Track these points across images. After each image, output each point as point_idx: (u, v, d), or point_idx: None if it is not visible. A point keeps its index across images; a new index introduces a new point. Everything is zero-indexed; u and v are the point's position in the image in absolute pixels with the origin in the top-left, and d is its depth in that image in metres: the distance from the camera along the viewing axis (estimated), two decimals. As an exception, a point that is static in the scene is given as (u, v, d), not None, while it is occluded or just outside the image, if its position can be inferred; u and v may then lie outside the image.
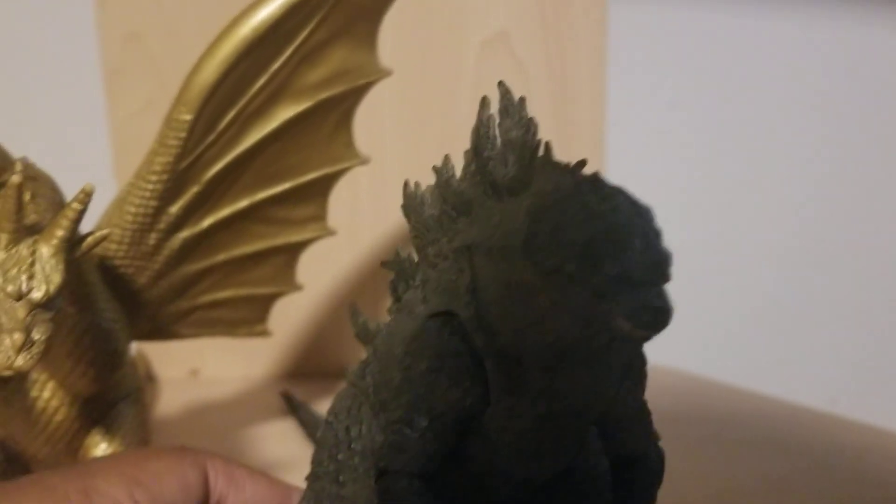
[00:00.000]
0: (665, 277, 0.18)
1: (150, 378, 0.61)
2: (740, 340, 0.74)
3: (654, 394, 0.25)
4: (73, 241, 0.26)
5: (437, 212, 0.25)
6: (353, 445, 0.26)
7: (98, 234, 0.27)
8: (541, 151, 0.21)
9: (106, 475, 0.25)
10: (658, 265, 0.18)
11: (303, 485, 0.29)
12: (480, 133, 0.24)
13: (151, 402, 0.57)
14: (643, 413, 0.24)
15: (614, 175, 0.22)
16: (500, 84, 0.24)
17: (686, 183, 0.71)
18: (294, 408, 0.51)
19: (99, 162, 0.59)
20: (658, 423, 0.25)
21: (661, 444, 0.25)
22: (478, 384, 0.21)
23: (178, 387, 0.60)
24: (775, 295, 0.74)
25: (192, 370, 0.62)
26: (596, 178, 0.19)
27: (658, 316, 0.17)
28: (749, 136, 0.72)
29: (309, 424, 0.48)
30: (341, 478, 0.26)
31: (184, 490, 0.27)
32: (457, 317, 0.22)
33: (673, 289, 0.18)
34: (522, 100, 0.23)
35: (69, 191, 0.29)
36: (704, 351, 0.68)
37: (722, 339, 0.73)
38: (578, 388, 0.21)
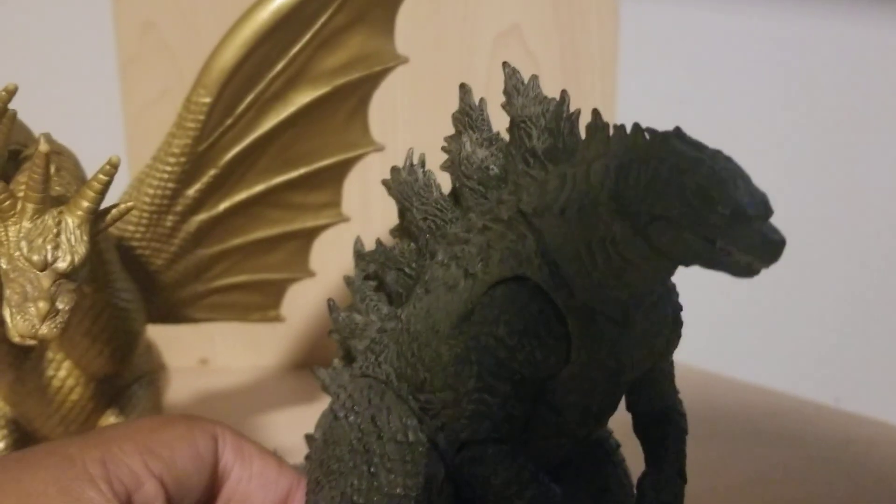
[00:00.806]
0: (771, 212, 0.19)
1: (160, 366, 0.61)
2: (746, 335, 0.74)
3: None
4: (98, 213, 0.26)
5: (450, 190, 0.26)
6: (382, 435, 0.26)
7: (123, 207, 0.27)
8: (589, 118, 0.23)
9: (121, 444, 0.25)
10: (764, 201, 0.19)
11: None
12: (474, 117, 0.25)
13: (161, 391, 0.57)
14: (672, 368, 0.25)
15: None
16: (506, 64, 0.24)
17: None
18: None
19: (115, 148, 0.59)
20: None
21: None
22: (562, 342, 0.22)
23: (187, 376, 0.60)
24: (781, 290, 0.74)
25: (202, 359, 0.62)
26: (680, 131, 0.20)
27: (776, 247, 0.19)
28: (758, 133, 0.72)
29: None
30: (372, 469, 0.26)
31: (196, 458, 0.27)
32: (528, 280, 0.22)
33: (686, 285, 0.19)
34: (535, 78, 0.24)
35: (99, 167, 0.29)
36: (710, 346, 0.68)
37: (728, 333, 0.73)
38: (642, 341, 0.22)
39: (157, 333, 0.60)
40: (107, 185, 0.25)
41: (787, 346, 0.74)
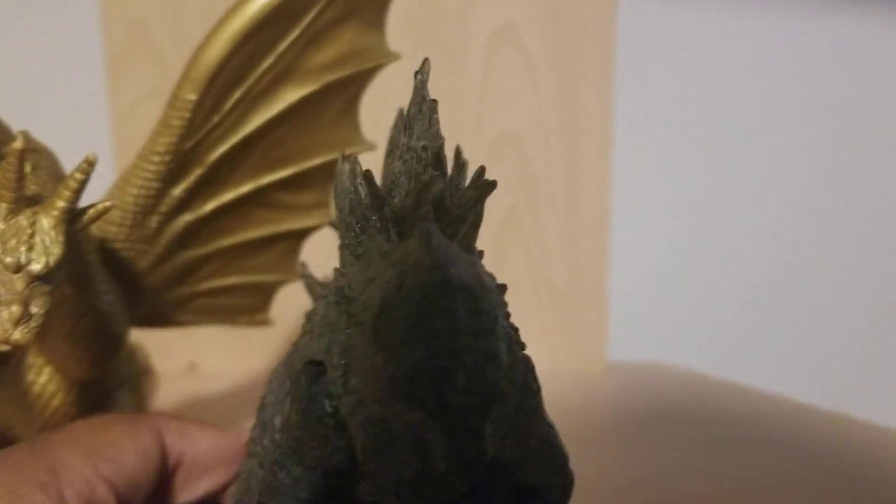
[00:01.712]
0: (484, 418, 0.17)
1: (148, 371, 0.60)
2: (747, 339, 0.74)
3: (662, 392, 0.24)
4: (74, 213, 0.25)
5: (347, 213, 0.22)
6: (274, 437, 0.25)
7: (100, 206, 0.26)
8: (427, 199, 0.19)
9: (68, 449, 0.25)
10: (476, 407, 0.16)
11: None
12: (398, 126, 0.22)
13: (149, 395, 0.56)
14: (546, 444, 0.22)
15: (621, 167, 0.21)
16: (426, 61, 0.22)
17: (692, 176, 0.71)
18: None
19: (101, 149, 0.58)
20: (666, 422, 0.24)
21: (669, 442, 0.24)
22: (342, 448, 0.20)
23: (176, 380, 0.59)
24: (784, 293, 0.73)
25: (191, 363, 0.61)
26: (445, 276, 0.17)
27: (468, 461, 0.16)
28: (754, 134, 0.71)
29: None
30: (265, 464, 0.25)
31: (142, 455, 0.27)
32: (326, 373, 0.20)
33: (685, 287, 0.18)
34: (434, 103, 0.22)
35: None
36: (712, 350, 0.67)
37: (729, 337, 0.73)
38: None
39: (145, 336, 0.60)
40: (83, 184, 0.24)
41: (786, 349, 0.74)
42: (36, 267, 0.23)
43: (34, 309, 0.23)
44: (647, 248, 0.68)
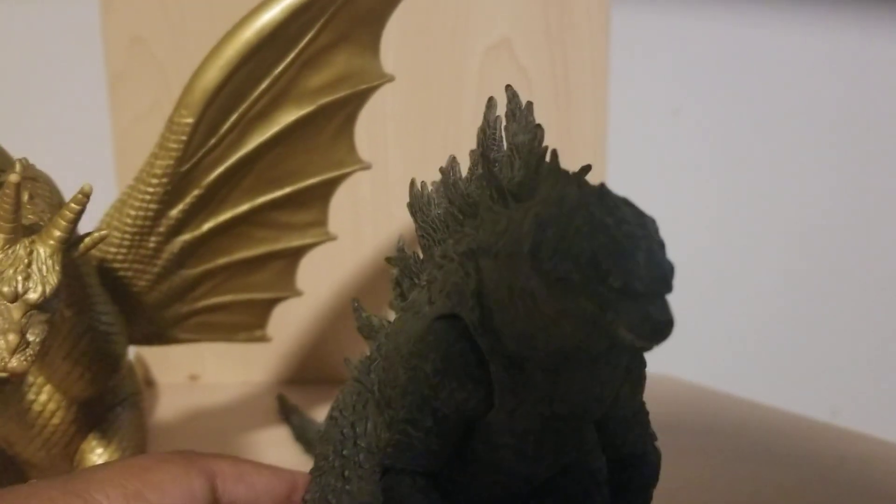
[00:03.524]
0: (667, 290, 0.18)
1: (149, 383, 0.61)
2: (741, 351, 0.74)
3: (654, 402, 0.25)
4: (70, 242, 0.25)
5: (443, 212, 0.25)
6: (358, 442, 0.26)
7: (96, 235, 0.26)
8: (548, 158, 0.21)
9: (106, 489, 0.24)
10: (660, 278, 0.18)
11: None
12: (487, 134, 0.24)
13: (150, 407, 0.57)
14: (641, 415, 0.24)
15: (615, 182, 0.22)
16: (508, 88, 0.24)
17: (686, 191, 0.71)
18: (287, 411, 0.51)
19: (102, 165, 0.59)
20: (658, 432, 0.25)
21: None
22: (481, 387, 0.22)
23: (177, 392, 0.60)
24: (777, 305, 0.73)
25: (192, 375, 0.62)
26: (602, 189, 0.19)
27: (659, 328, 0.17)
28: (750, 145, 0.72)
29: (300, 428, 0.48)
30: (346, 473, 0.26)
31: (189, 501, 0.26)
32: (462, 320, 0.22)
33: (675, 298, 0.18)
34: (530, 105, 0.23)
35: (72, 195, 0.28)
36: (706, 361, 0.67)
37: (723, 349, 0.73)
38: (579, 392, 0.21)
39: (147, 349, 0.60)
40: (79, 214, 0.25)
41: (783, 361, 0.74)
42: (33, 296, 0.24)
43: (31, 337, 0.24)
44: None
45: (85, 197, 0.25)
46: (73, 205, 0.25)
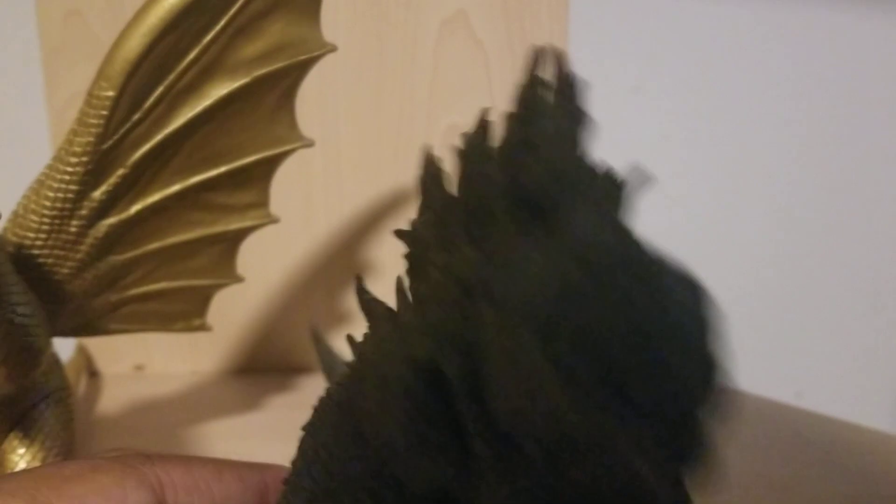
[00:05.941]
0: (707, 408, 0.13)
1: (93, 374, 0.59)
2: (750, 347, 0.73)
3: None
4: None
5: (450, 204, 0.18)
6: (330, 468, 0.21)
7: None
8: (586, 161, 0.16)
9: (9, 501, 0.20)
10: (700, 399, 0.13)
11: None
12: (528, 106, 0.17)
13: (94, 400, 0.54)
14: None
15: None
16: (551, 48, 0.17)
17: (647, 169, 0.69)
18: (318, 341, 0.48)
19: (40, 143, 0.56)
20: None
21: None
22: (455, 463, 0.16)
23: (122, 383, 0.57)
24: (741, 286, 0.72)
25: (137, 365, 0.59)
26: (645, 250, 0.14)
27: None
28: (712, 123, 0.70)
29: (327, 363, 0.45)
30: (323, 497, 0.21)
31: None
32: (443, 374, 0.16)
33: None
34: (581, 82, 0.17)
35: (8, 172, 0.26)
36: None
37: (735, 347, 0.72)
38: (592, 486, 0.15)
39: (90, 340, 0.58)
40: None
41: (747, 343, 0.73)
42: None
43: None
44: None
45: None
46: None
